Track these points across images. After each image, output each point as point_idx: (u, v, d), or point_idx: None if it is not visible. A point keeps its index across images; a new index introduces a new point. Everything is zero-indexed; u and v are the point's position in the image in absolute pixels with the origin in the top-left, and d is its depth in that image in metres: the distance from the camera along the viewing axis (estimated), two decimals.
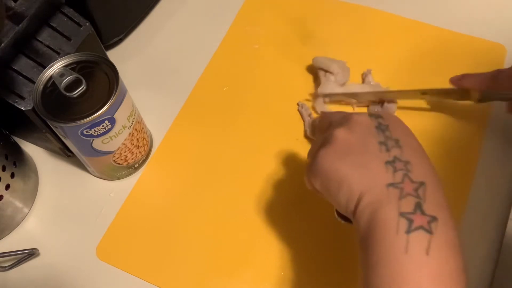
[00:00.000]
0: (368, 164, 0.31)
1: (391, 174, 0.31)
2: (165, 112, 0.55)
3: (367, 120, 0.34)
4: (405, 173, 0.30)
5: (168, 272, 0.46)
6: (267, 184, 0.49)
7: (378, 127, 0.33)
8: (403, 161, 0.31)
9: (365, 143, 0.32)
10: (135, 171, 0.51)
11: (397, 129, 0.33)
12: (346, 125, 0.34)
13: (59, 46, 0.47)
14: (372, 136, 0.33)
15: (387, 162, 0.31)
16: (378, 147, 0.32)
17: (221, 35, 0.60)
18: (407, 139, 0.33)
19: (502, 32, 0.56)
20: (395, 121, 0.34)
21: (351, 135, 0.33)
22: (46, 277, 0.47)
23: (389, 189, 0.30)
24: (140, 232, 0.48)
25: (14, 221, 0.49)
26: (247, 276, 0.45)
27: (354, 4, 0.61)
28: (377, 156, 0.31)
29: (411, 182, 0.30)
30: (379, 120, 0.34)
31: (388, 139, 0.32)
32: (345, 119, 0.35)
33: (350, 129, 0.33)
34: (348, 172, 0.32)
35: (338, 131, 0.33)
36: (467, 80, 0.48)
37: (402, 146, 0.32)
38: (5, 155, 0.46)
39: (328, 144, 0.34)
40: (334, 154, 0.33)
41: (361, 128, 0.33)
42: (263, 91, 0.55)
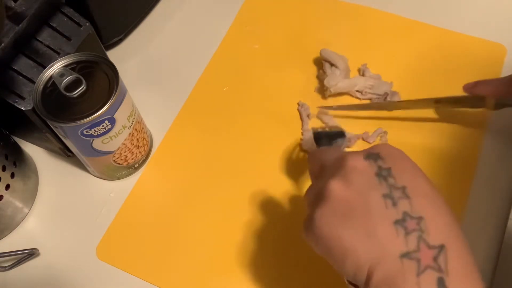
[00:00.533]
0: (374, 229, 0.27)
1: (403, 239, 0.26)
2: (165, 112, 0.55)
3: (364, 166, 0.29)
4: (420, 235, 0.26)
5: (168, 272, 0.46)
6: (267, 183, 0.49)
7: (379, 174, 0.28)
8: (415, 218, 0.27)
9: (367, 199, 0.28)
10: (135, 171, 0.51)
11: (402, 171, 0.29)
12: (341, 176, 0.29)
13: (59, 46, 0.47)
14: (374, 188, 0.28)
15: (396, 222, 0.27)
16: (383, 203, 0.27)
17: (221, 35, 0.60)
18: (415, 183, 0.28)
19: (502, 32, 0.56)
20: (397, 159, 0.30)
21: (349, 190, 0.28)
22: (46, 277, 0.47)
23: (403, 262, 0.26)
24: (140, 232, 0.48)
25: (14, 221, 0.49)
26: (247, 276, 0.45)
27: (354, 4, 0.61)
28: (383, 216, 0.27)
29: (428, 248, 0.26)
30: (378, 163, 0.29)
31: (393, 189, 0.28)
32: (338, 165, 0.30)
33: (347, 181, 0.29)
34: (353, 242, 0.27)
35: (333, 185, 0.29)
36: (481, 87, 0.46)
37: (411, 196, 0.27)
38: (5, 155, 0.46)
39: (324, 202, 0.29)
40: (334, 217, 0.28)
41: (359, 179, 0.29)
42: (263, 91, 0.55)
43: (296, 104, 0.54)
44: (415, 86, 0.54)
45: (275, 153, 0.51)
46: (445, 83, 0.53)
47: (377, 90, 0.52)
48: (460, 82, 0.53)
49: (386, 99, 0.51)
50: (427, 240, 0.26)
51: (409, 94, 0.53)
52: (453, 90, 0.53)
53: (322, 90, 0.53)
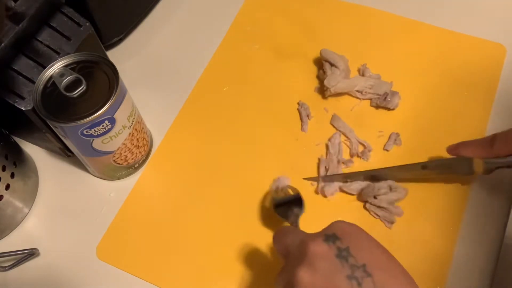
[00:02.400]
0: None
1: None
2: (165, 112, 0.55)
3: (325, 250, 0.31)
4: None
5: (168, 272, 0.46)
6: (267, 183, 0.49)
7: (339, 256, 0.31)
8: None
9: (334, 283, 0.30)
10: (135, 171, 0.51)
11: (359, 249, 0.31)
12: (306, 263, 0.31)
13: (59, 46, 0.47)
14: (337, 271, 0.30)
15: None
16: (349, 285, 0.30)
17: (221, 35, 0.60)
18: (373, 258, 0.31)
19: (502, 32, 0.56)
20: (353, 236, 0.32)
21: (315, 276, 0.31)
22: (46, 277, 0.47)
23: None
24: (140, 232, 0.48)
25: (14, 221, 0.49)
26: (247, 276, 0.45)
27: (354, 4, 0.61)
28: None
29: None
30: (337, 244, 0.31)
31: (355, 270, 0.30)
32: (301, 252, 0.32)
33: (312, 268, 0.31)
34: None
35: (301, 274, 0.31)
36: (463, 148, 0.45)
37: (372, 274, 0.30)
38: (5, 155, 0.46)
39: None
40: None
41: (322, 264, 0.31)
42: (263, 91, 0.55)
43: (295, 104, 0.54)
44: (415, 86, 0.54)
45: (275, 152, 0.51)
46: (445, 83, 0.53)
47: (377, 90, 0.52)
48: (460, 82, 0.53)
49: (386, 99, 0.51)
50: None
51: (409, 94, 0.53)
52: (453, 90, 0.53)
53: (322, 90, 0.53)
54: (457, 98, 0.52)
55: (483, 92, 0.52)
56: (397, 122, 0.51)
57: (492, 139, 0.43)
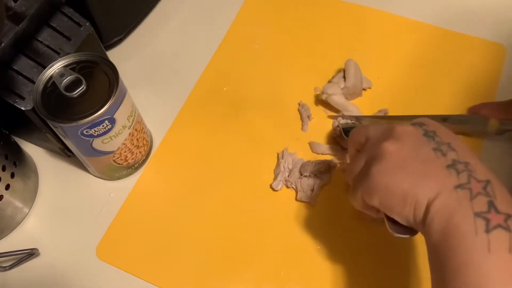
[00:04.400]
0: (429, 172, 0.31)
1: (455, 177, 0.30)
2: (165, 112, 0.55)
3: (412, 129, 0.33)
4: (469, 173, 0.30)
5: (168, 272, 0.46)
6: (267, 183, 0.49)
7: (426, 135, 0.33)
8: (463, 163, 0.31)
9: (419, 152, 0.32)
10: (135, 171, 0.51)
11: (444, 133, 0.33)
12: (393, 138, 0.33)
13: (59, 46, 0.47)
14: (424, 144, 0.32)
15: (448, 166, 0.31)
16: (433, 154, 0.31)
17: (221, 35, 0.60)
18: (456, 141, 0.33)
19: (502, 32, 0.56)
20: (439, 126, 0.34)
21: (402, 147, 0.32)
22: (46, 277, 0.47)
23: (458, 192, 0.30)
24: (140, 232, 0.48)
25: (14, 221, 0.49)
26: (247, 276, 0.45)
27: (354, 4, 0.61)
28: (435, 163, 0.31)
29: (477, 181, 0.30)
30: (424, 127, 0.33)
31: (440, 144, 0.32)
32: (388, 132, 0.34)
33: (399, 141, 0.33)
34: (411, 184, 0.31)
35: (387, 145, 0.33)
36: (484, 107, 0.48)
37: (456, 149, 0.32)
38: (5, 155, 0.46)
39: (379, 160, 0.33)
40: (391, 169, 0.32)
41: (410, 138, 0.33)
42: (263, 91, 0.55)
43: (296, 104, 0.54)
44: (415, 86, 0.54)
45: (274, 152, 0.51)
46: (445, 83, 0.54)
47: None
48: (460, 82, 0.53)
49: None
50: (476, 177, 0.30)
51: (409, 94, 0.53)
52: (453, 90, 0.53)
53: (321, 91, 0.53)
54: (457, 98, 0.52)
55: (483, 92, 0.52)
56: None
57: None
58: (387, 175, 0.32)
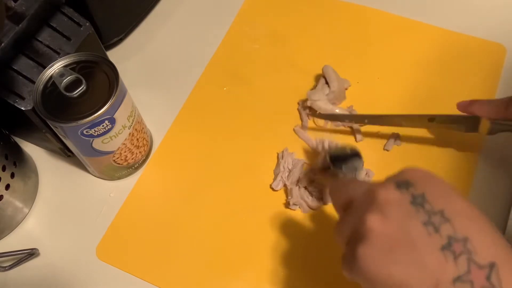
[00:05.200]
0: (422, 259, 0.27)
1: (453, 263, 0.26)
2: (165, 112, 0.55)
3: (398, 196, 0.29)
4: (469, 257, 0.26)
5: (168, 272, 0.46)
6: (267, 183, 0.49)
7: (413, 202, 0.28)
8: (461, 240, 0.26)
9: (408, 230, 0.27)
10: (135, 171, 0.51)
11: (435, 195, 0.28)
12: (377, 210, 0.28)
13: (59, 46, 0.47)
14: (412, 217, 0.27)
15: (443, 247, 0.26)
16: (425, 231, 0.27)
17: (221, 35, 0.60)
18: (451, 204, 0.28)
19: (502, 32, 0.56)
20: (428, 182, 0.29)
21: (388, 223, 0.28)
22: (46, 277, 0.47)
23: (456, 286, 0.26)
24: (140, 232, 0.48)
25: (14, 221, 0.49)
26: (247, 276, 0.45)
27: (354, 4, 0.61)
28: (428, 244, 0.27)
29: (479, 268, 0.26)
30: (410, 190, 0.29)
31: (431, 215, 0.27)
32: (370, 199, 0.29)
33: (383, 215, 0.28)
34: (404, 276, 0.27)
35: (371, 221, 0.28)
36: (477, 106, 0.44)
37: (451, 219, 0.27)
38: (5, 155, 0.46)
39: (364, 240, 0.28)
40: (378, 254, 0.28)
41: (395, 210, 0.28)
42: (263, 91, 0.55)
43: (295, 104, 0.54)
44: (414, 86, 0.54)
45: (274, 152, 0.51)
46: (445, 83, 0.53)
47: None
48: (460, 82, 0.53)
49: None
50: (477, 261, 0.26)
51: (409, 94, 0.53)
52: (453, 90, 0.53)
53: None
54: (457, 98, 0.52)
55: (483, 92, 0.52)
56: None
57: (509, 101, 0.42)
58: (375, 262, 0.28)
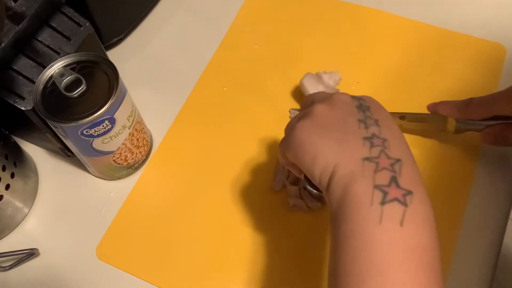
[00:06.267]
0: (345, 139, 0.31)
1: (368, 149, 0.30)
2: (165, 112, 0.55)
3: (348, 99, 0.34)
4: (382, 149, 0.30)
5: (168, 272, 0.46)
6: (266, 183, 0.49)
7: (359, 107, 0.33)
8: (381, 139, 0.31)
9: (345, 119, 0.33)
10: (135, 171, 0.51)
11: (378, 111, 0.34)
12: (328, 102, 0.34)
13: (59, 46, 0.47)
14: (352, 114, 0.33)
15: (365, 138, 0.31)
16: (357, 124, 0.32)
17: (221, 35, 0.60)
18: (386, 120, 0.33)
19: (502, 32, 0.56)
20: (376, 104, 0.35)
21: (331, 111, 0.33)
22: (46, 277, 0.47)
23: (364, 163, 0.30)
24: (140, 232, 0.48)
25: (14, 221, 0.49)
26: (247, 276, 0.45)
27: (354, 4, 0.61)
28: (355, 132, 0.31)
29: (387, 158, 0.30)
30: (360, 101, 0.34)
31: (367, 118, 0.32)
32: (327, 97, 0.35)
33: (330, 105, 0.34)
34: (325, 146, 0.32)
35: (319, 106, 0.34)
36: (442, 106, 0.47)
37: (380, 126, 0.32)
38: (5, 155, 0.46)
39: (307, 117, 0.34)
40: (312, 128, 0.33)
41: (342, 106, 0.34)
42: (263, 91, 0.55)
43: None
44: (414, 85, 0.54)
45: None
46: (445, 83, 0.53)
47: None
48: (460, 82, 0.53)
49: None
50: (388, 153, 0.30)
51: (409, 94, 0.53)
52: (453, 90, 0.53)
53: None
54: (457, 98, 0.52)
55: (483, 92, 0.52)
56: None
57: (468, 102, 0.45)
58: (307, 132, 0.33)
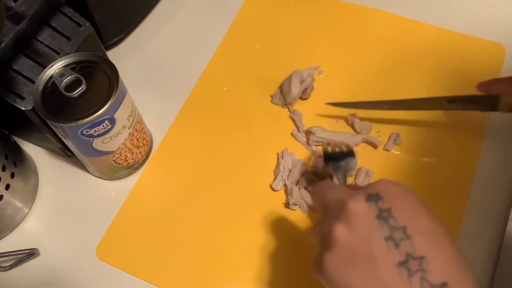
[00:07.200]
0: (379, 273, 0.28)
1: (406, 280, 0.27)
2: (165, 112, 0.55)
3: (365, 209, 0.30)
4: (422, 275, 0.27)
5: (168, 272, 0.46)
6: (267, 183, 0.49)
7: (379, 217, 0.30)
8: (417, 258, 0.28)
9: (370, 243, 0.29)
10: (135, 171, 0.51)
11: (401, 211, 0.30)
12: (344, 221, 0.30)
13: (59, 46, 0.47)
14: (376, 231, 0.29)
15: (400, 263, 0.28)
16: (385, 246, 0.29)
17: (221, 35, 0.60)
18: (415, 222, 0.29)
19: (502, 32, 0.56)
20: (397, 198, 0.31)
21: (353, 235, 0.30)
22: (46, 277, 0.47)
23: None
24: (140, 232, 0.48)
25: (14, 221, 0.49)
26: (247, 275, 0.45)
27: (354, 4, 0.61)
28: (386, 259, 0.28)
29: (430, 287, 0.27)
30: (379, 205, 0.30)
31: (394, 231, 0.29)
32: (340, 209, 0.31)
33: (350, 227, 0.30)
34: (360, 286, 0.29)
35: (338, 231, 0.30)
36: (498, 85, 0.44)
37: (411, 236, 0.28)
38: (5, 155, 0.46)
39: (330, 247, 0.31)
40: (340, 263, 0.30)
41: (361, 223, 0.30)
42: (263, 91, 0.55)
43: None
44: (414, 85, 0.54)
45: (274, 152, 0.51)
46: (445, 83, 0.53)
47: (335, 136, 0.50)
48: (460, 82, 0.53)
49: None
50: (429, 280, 0.27)
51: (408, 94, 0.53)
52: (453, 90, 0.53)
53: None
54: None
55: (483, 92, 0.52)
56: (397, 123, 0.51)
57: None
58: (337, 270, 0.30)
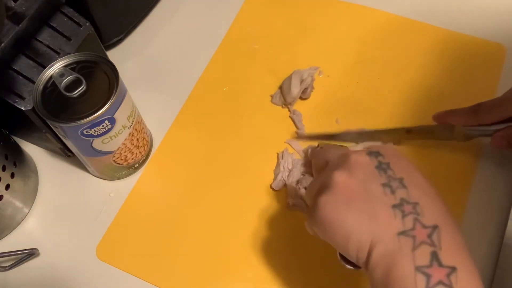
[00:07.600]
0: (374, 211, 0.30)
1: (400, 220, 0.29)
2: (165, 112, 0.55)
3: (366, 160, 0.32)
4: (415, 217, 0.29)
5: (168, 272, 0.46)
6: (267, 183, 0.49)
7: (378, 167, 0.31)
8: (411, 203, 0.29)
9: (368, 187, 0.30)
10: (135, 171, 0.51)
11: (399, 167, 0.31)
12: (345, 167, 0.32)
13: (59, 46, 0.47)
14: (374, 178, 0.31)
15: (394, 206, 0.29)
16: (382, 190, 0.30)
17: (221, 35, 0.60)
18: (411, 176, 0.31)
19: (502, 32, 0.56)
20: (396, 157, 0.32)
21: (352, 179, 0.31)
22: (46, 277, 0.47)
23: (400, 239, 0.28)
24: (140, 232, 0.48)
25: (14, 221, 0.49)
26: (247, 275, 0.45)
27: (354, 4, 0.61)
28: (382, 201, 0.30)
29: (423, 227, 0.28)
30: (379, 158, 0.32)
31: (391, 180, 0.30)
32: (342, 160, 0.33)
33: (349, 172, 0.31)
34: (355, 223, 0.30)
35: (337, 175, 0.31)
36: (450, 116, 0.46)
37: (407, 186, 0.30)
38: (5, 155, 0.46)
39: (327, 190, 0.31)
40: (336, 202, 0.31)
41: (361, 170, 0.31)
42: (263, 91, 0.55)
43: None
44: (414, 85, 0.54)
45: (274, 152, 0.51)
46: (445, 83, 0.54)
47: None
48: (460, 82, 0.53)
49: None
50: (422, 221, 0.29)
51: (409, 94, 0.53)
52: (453, 90, 0.53)
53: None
54: (458, 98, 0.52)
55: (483, 92, 0.52)
56: (397, 122, 0.51)
57: (476, 108, 0.44)
58: (333, 209, 0.31)
